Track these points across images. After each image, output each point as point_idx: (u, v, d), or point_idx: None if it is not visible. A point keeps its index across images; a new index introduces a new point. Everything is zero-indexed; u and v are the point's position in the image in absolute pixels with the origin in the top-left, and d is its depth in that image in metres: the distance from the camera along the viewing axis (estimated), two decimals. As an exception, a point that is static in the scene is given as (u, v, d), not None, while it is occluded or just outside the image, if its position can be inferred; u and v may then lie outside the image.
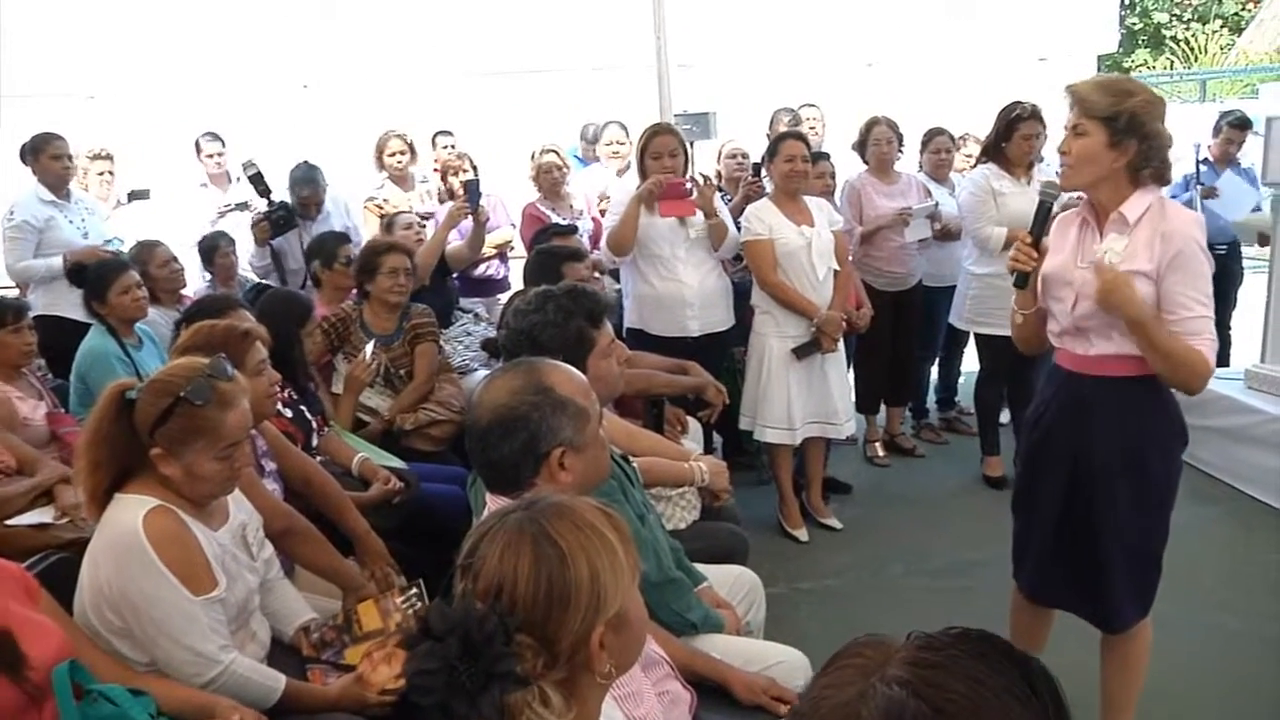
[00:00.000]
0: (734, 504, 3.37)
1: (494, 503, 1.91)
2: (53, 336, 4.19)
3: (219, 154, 6.13)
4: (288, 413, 3.26)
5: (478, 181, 5.14)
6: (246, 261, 5.25)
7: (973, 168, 5.35)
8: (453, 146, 6.56)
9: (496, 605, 1.25)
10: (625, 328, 4.64)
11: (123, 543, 2.03)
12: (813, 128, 6.07)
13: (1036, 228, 2.66)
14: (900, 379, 5.58)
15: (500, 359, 2.80)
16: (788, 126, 5.54)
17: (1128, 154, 2.44)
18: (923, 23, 8.67)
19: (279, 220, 4.90)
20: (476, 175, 5.52)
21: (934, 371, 6.07)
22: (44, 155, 4.88)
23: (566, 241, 4.30)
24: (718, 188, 4.92)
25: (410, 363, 4.10)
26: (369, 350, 3.95)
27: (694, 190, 4.46)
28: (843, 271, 4.47)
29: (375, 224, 5.64)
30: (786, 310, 4.36)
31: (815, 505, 4.75)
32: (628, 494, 2.45)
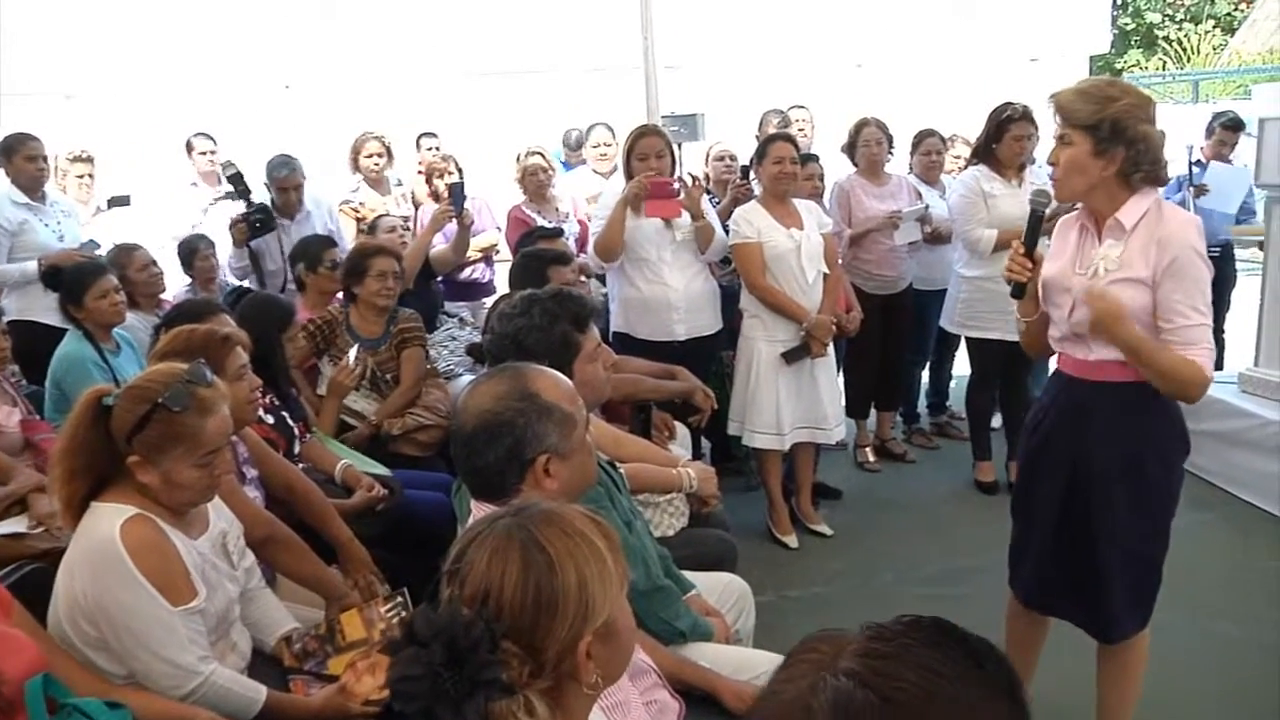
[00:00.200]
0: (723, 510, 3.37)
1: (479, 510, 1.91)
2: (27, 342, 4.17)
3: (211, 152, 6.10)
4: (269, 419, 3.25)
5: (462, 184, 5.14)
6: (226, 262, 5.23)
7: (963, 169, 5.37)
8: (437, 148, 6.55)
9: (483, 611, 1.25)
10: (611, 332, 4.64)
11: (99, 552, 2.02)
12: (801, 129, 6.09)
13: (1029, 237, 2.65)
14: (891, 383, 5.60)
15: (485, 364, 2.80)
16: (777, 128, 5.55)
17: (1115, 161, 2.42)
18: (913, 23, 8.70)
19: (256, 223, 4.88)
20: (462, 178, 5.51)
21: (925, 376, 6.09)
22: (18, 156, 4.84)
23: (552, 244, 4.30)
24: (705, 190, 4.92)
25: (397, 367, 4.11)
26: (353, 355, 3.94)
27: (681, 190, 4.46)
28: (832, 275, 4.48)
29: (352, 227, 5.63)
30: (775, 314, 4.37)
31: (805, 511, 4.76)
32: (614, 501, 2.45)
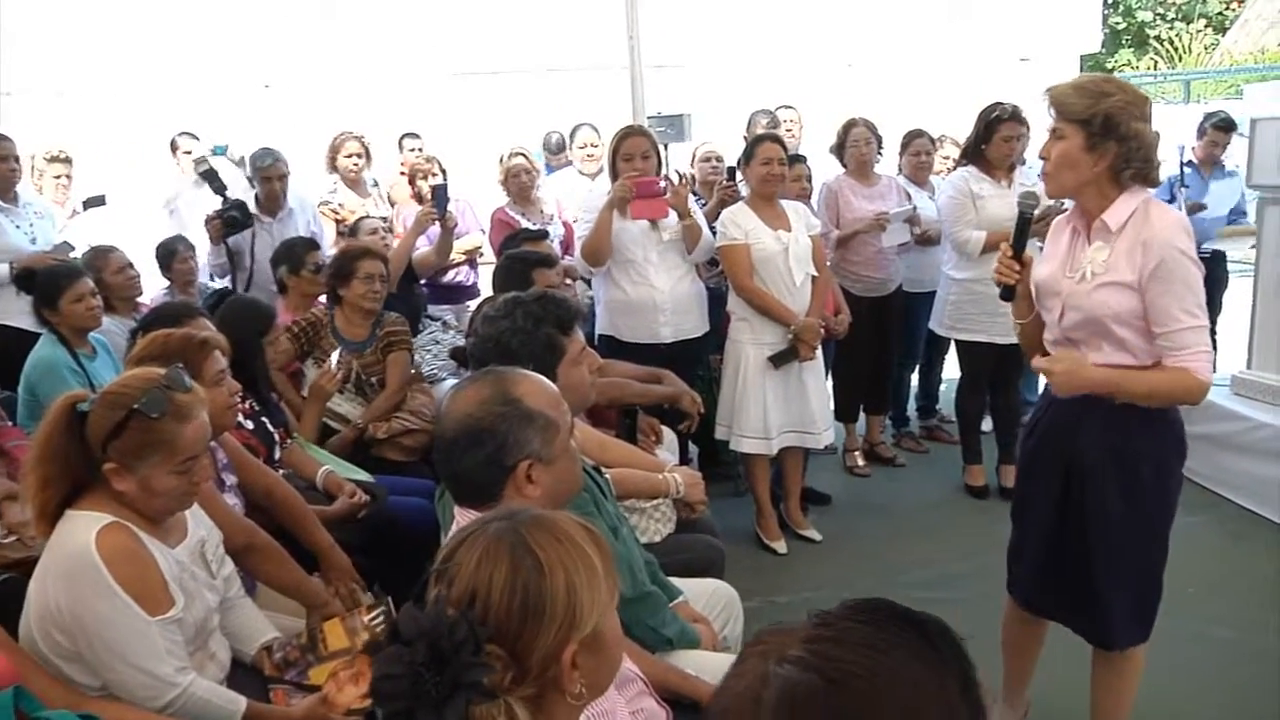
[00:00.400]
0: (710, 516, 3.37)
1: (462, 516, 1.91)
2: (-1, 346, 4.15)
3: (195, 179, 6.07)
4: (249, 424, 3.24)
5: (446, 186, 5.15)
6: (204, 260, 5.20)
7: (952, 170, 5.39)
8: (420, 149, 6.54)
9: (469, 613, 1.26)
10: (597, 334, 4.65)
11: (74, 561, 2.01)
12: (790, 130, 6.09)
13: (1017, 239, 2.66)
14: (880, 387, 5.61)
15: (469, 368, 2.80)
16: (766, 129, 5.56)
17: (1107, 157, 2.43)
18: (903, 23, 8.70)
19: (231, 220, 4.86)
20: (445, 179, 5.51)
21: (914, 379, 6.11)
22: None
23: (537, 247, 4.30)
24: (691, 191, 4.93)
25: (382, 370, 4.12)
26: (334, 359, 3.94)
27: (668, 189, 4.47)
28: (821, 277, 4.49)
29: (332, 229, 5.62)
30: (763, 317, 4.38)
31: (793, 517, 4.76)
32: (600, 506, 2.45)
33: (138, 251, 4.83)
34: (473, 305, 5.29)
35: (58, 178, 5.82)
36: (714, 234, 4.51)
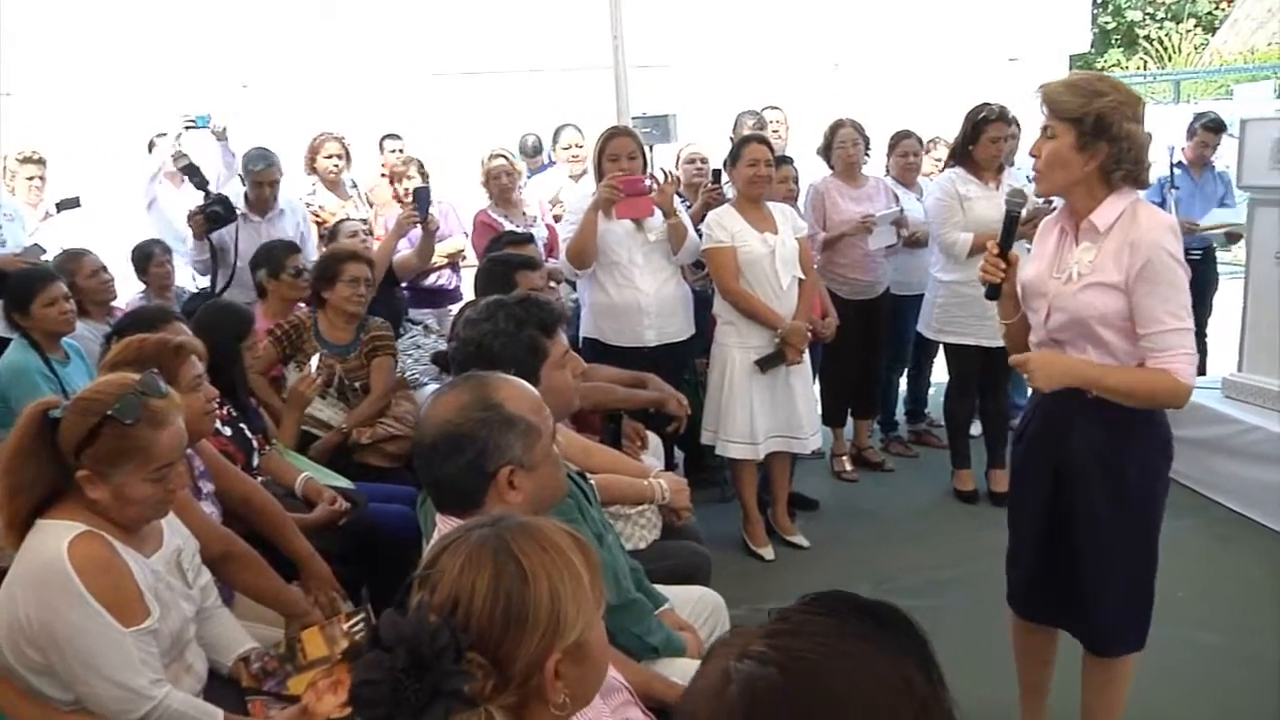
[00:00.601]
0: (696, 522, 3.38)
1: (444, 523, 1.91)
2: (-33, 352, 4.11)
3: (174, 156, 6.03)
4: (226, 431, 3.23)
5: (428, 189, 5.13)
6: (186, 251, 5.16)
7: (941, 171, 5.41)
8: (401, 150, 6.53)
9: (450, 620, 1.26)
10: (581, 338, 4.65)
11: (45, 572, 1.99)
12: (776, 131, 6.10)
13: (1004, 237, 2.67)
14: (868, 391, 5.62)
15: (451, 373, 2.80)
16: (752, 130, 5.56)
17: (1098, 157, 2.44)
18: (890, 22, 8.72)
19: (214, 215, 4.83)
20: (427, 182, 5.49)
21: (903, 382, 6.12)
22: None
23: (521, 250, 4.29)
24: (676, 192, 4.93)
25: (366, 375, 4.11)
26: (314, 363, 3.93)
27: (653, 187, 4.46)
28: (807, 280, 4.50)
29: (313, 231, 5.60)
30: (749, 320, 4.38)
31: (781, 523, 4.77)
32: (585, 513, 2.45)
33: (114, 254, 4.81)
34: (455, 309, 5.28)
35: (30, 179, 5.77)
36: (699, 236, 4.52)
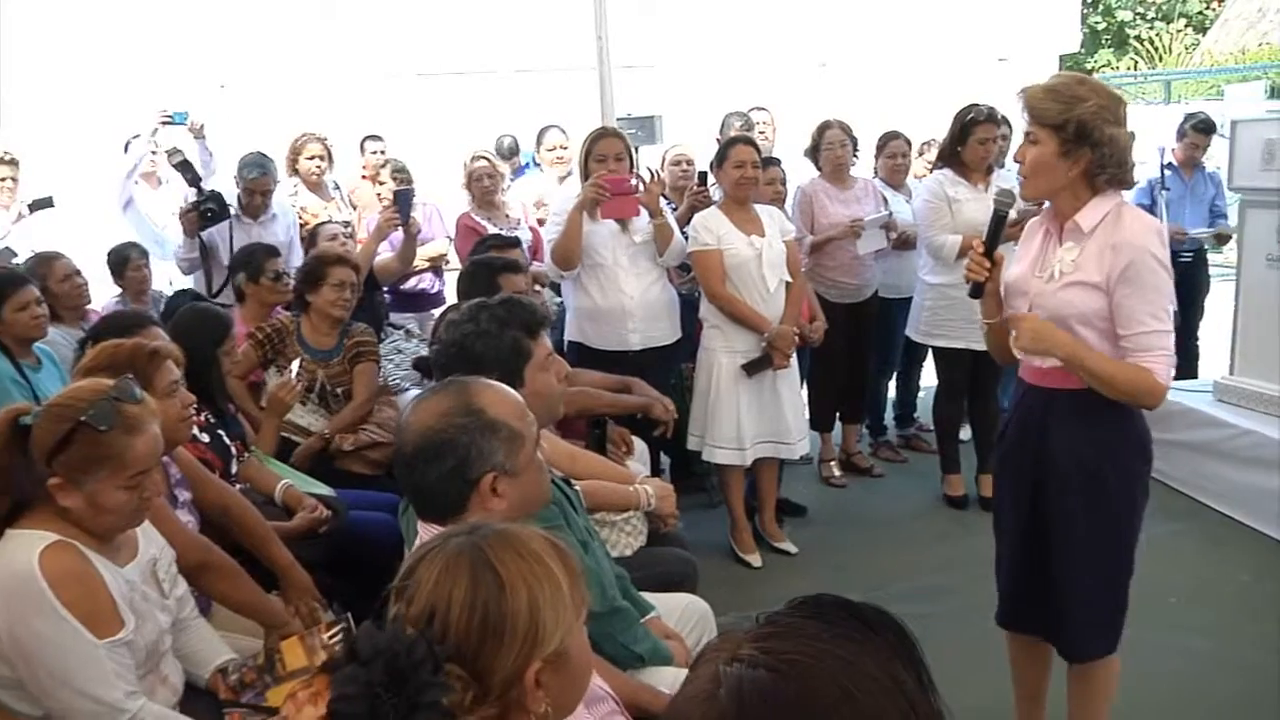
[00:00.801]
0: (682, 528, 3.38)
1: (426, 531, 1.90)
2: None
3: (152, 153, 6.02)
4: (204, 437, 3.21)
5: (409, 192, 5.11)
6: (173, 251, 5.14)
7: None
8: (382, 152, 6.52)
9: (427, 631, 1.25)
10: (566, 342, 4.64)
11: (15, 582, 1.98)
12: (763, 132, 6.10)
13: (990, 237, 2.69)
14: (856, 395, 5.63)
15: (433, 379, 2.79)
16: (740, 131, 5.56)
17: (1081, 163, 2.48)
18: (878, 22, 8.77)
19: (208, 212, 4.81)
20: (410, 184, 5.48)
21: (891, 387, 6.13)
22: None
23: (506, 253, 4.28)
24: (661, 194, 4.92)
25: (348, 381, 4.10)
26: (294, 369, 3.91)
27: (639, 186, 4.46)
28: (795, 283, 4.50)
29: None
30: (736, 324, 4.38)
31: (768, 529, 4.77)
32: (570, 520, 2.44)
33: (89, 257, 4.78)
34: (437, 313, 5.27)
35: (3, 180, 5.73)
36: (685, 239, 4.52)
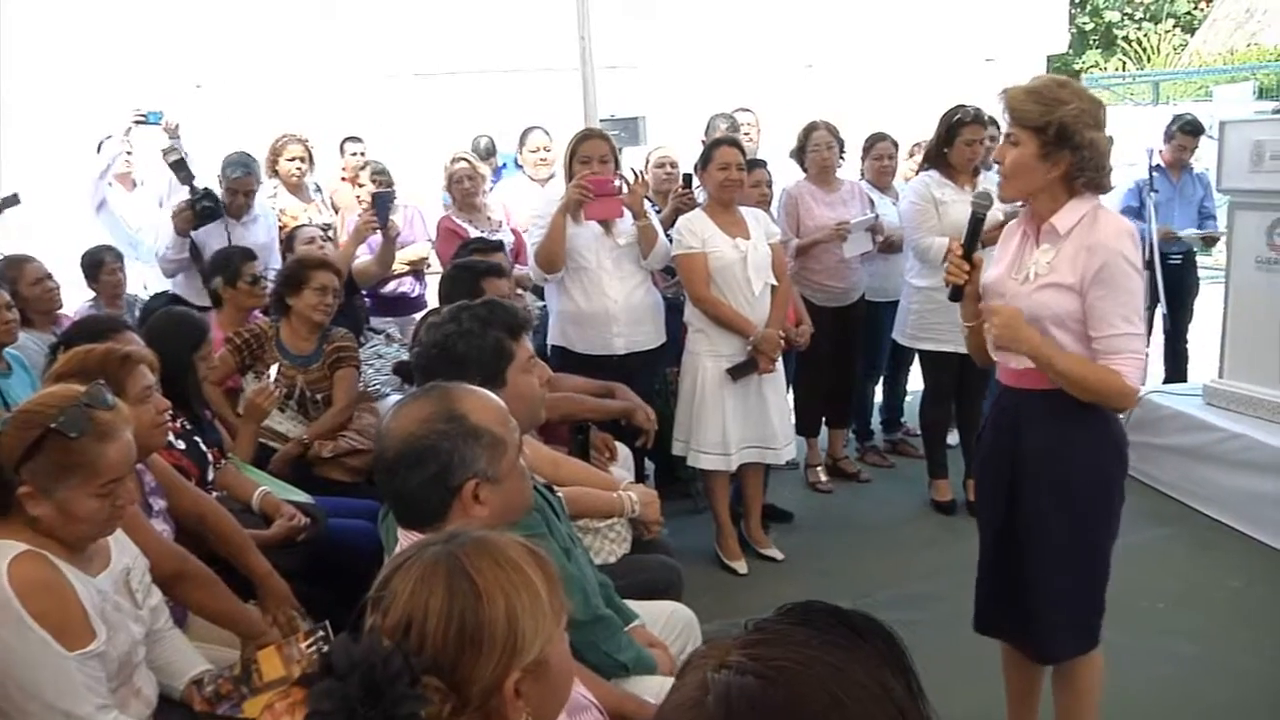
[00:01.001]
0: (667, 535, 3.38)
1: (406, 538, 1.90)
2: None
3: (126, 154, 5.98)
4: (180, 444, 3.19)
5: (389, 194, 5.09)
6: (162, 249, 5.10)
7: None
8: (362, 153, 6.50)
9: (403, 643, 1.25)
10: (549, 346, 4.63)
11: (-17, 594, 1.96)
12: (748, 134, 6.10)
13: (969, 239, 2.74)
14: (842, 399, 5.64)
15: (415, 383, 2.78)
16: (725, 133, 5.56)
17: (1060, 165, 2.52)
18: (865, 22, 8.80)
19: (204, 210, 4.79)
20: (390, 186, 5.46)
21: (878, 391, 6.14)
22: None
23: (489, 257, 4.27)
24: (645, 196, 4.92)
25: (328, 387, 4.09)
26: (272, 374, 3.90)
27: (623, 187, 4.45)
28: (780, 286, 4.50)
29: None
30: (721, 328, 4.38)
31: (754, 535, 4.77)
32: (552, 527, 2.44)
33: (61, 260, 4.75)
34: (418, 318, 5.25)
35: None
36: (670, 241, 4.51)
